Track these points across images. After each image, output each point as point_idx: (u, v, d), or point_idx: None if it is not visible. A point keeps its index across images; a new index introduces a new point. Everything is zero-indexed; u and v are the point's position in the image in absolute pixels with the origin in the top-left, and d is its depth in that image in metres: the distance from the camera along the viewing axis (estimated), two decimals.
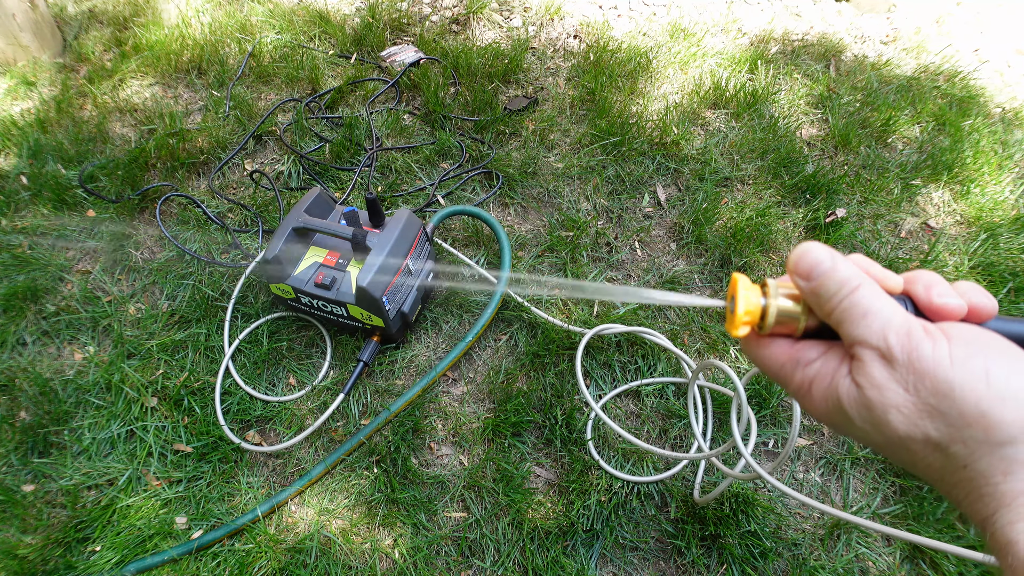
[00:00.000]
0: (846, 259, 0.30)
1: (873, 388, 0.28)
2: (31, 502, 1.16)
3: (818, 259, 0.30)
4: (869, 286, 0.29)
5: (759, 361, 0.34)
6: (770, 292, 0.32)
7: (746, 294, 0.32)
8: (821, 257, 0.30)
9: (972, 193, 1.68)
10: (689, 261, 1.55)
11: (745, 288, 0.33)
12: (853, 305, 0.29)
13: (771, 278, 0.34)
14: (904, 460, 0.29)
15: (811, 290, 0.30)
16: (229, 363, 1.33)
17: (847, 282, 0.29)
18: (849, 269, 0.29)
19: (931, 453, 0.27)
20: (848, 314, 0.29)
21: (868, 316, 0.28)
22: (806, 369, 0.31)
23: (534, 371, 1.34)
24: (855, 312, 0.28)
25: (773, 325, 0.32)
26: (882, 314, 0.28)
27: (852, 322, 0.29)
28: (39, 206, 1.58)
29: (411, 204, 1.62)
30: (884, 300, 0.29)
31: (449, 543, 1.14)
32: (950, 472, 0.27)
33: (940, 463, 0.27)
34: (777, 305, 0.32)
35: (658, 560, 1.14)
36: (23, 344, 1.37)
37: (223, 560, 1.10)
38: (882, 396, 0.27)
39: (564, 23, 2.20)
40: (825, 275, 0.29)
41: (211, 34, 2.04)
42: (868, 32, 2.26)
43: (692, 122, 1.83)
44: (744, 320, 0.32)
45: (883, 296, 0.29)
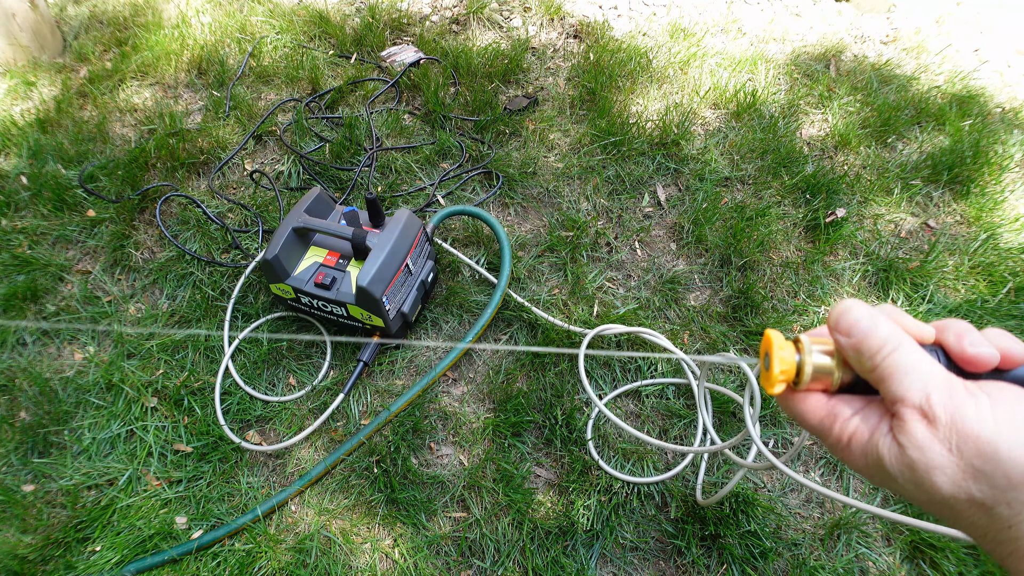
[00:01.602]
0: (886, 317, 0.31)
1: (915, 448, 0.28)
2: (31, 502, 1.16)
3: (859, 317, 0.30)
4: (909, 344, 0.29)
5: (797, 416, 0.34)
6: (804, 348, 0.33)
7: (780, 353, 0.33)
8: (862, 315, 0.31)
9: (972, 193, 1.68)
10: (689, 261, 1.55)
11: (779, 346, 0.33)
12: (895, 364, 0.29)
13: (804, 334, 0.34)
14: (948, 517, 0.29)
15: (852, 347, 0.30)
16: (229, 363, 1.33)
17: (888, 341, 0.29)
18: (889, 327, 0.30)
19: (976, 513, 0.27)
20: (890, 372, 0.29)
21: (910, 375, 0.28)
22: (845, 424, 0.31)
23: (534, 371, 1.34)
24: (897, 371, 0.29)
25: (809, 382, 0.33)
26: (923, 373, 0.28)
27: (894, 380, 0.29)
28: (39, 206, 1.58)
29: (411, 204, 1.62)
30: (924, 359, 0.29)
31: (449, 543, 1.14)
32: (995, 531, 0.27)
33: (985, 523, 0.27)
34: (812, 362, 0.32)
35: (658, 560, 1.14)
36: (23, 344, 1.37)
37: (223, 560, 1.10)
38: (925, 457, 0.27)
39: (564, 23, 2.20)
40: (867, 334, 0.30)
41: (211, 34, 2.04)
42: (868, 32, 2.25)
43: (692, 122, 1.83)
44: (780, 379, 0.33)
45: (923, 355, 0.29)
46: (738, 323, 1.43)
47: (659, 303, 1.46)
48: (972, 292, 1.50)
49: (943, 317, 1.40)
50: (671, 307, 1.46)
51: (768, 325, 1.41)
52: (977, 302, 1.48)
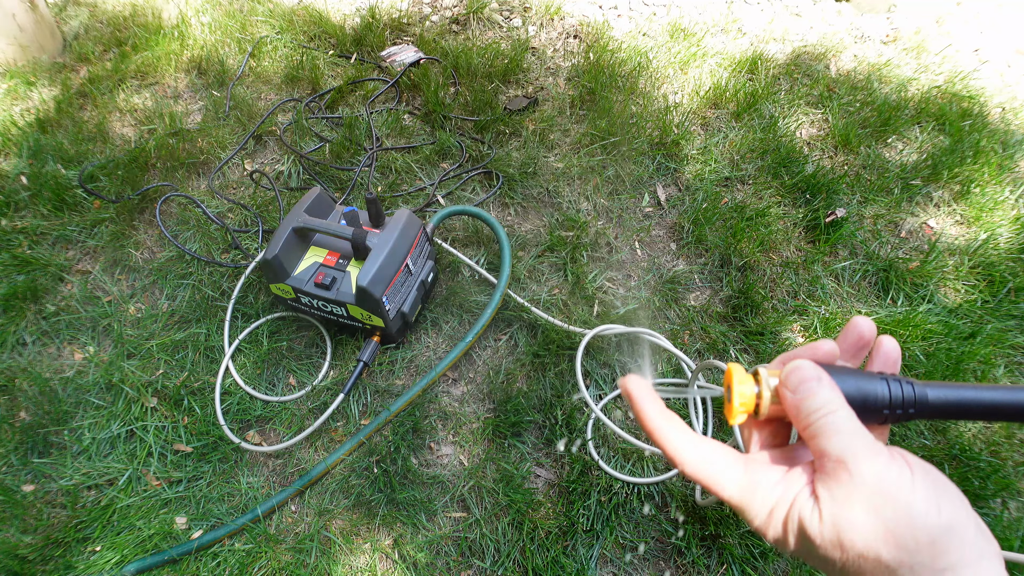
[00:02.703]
0: (833, 385, 0.33)
1: (836, 503, 0.30)
2: (31, 502, 1.16)
3: (806, 378, 0.33)
4: (844, 411, 0.32)
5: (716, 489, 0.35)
6: (762, 381, 0.35)
7: (740, 387, 0.35)
8: (808, 376, 0.33)
9: (972, 193, 1.68)
10: (689, 261, 1.55)
11: (740, 380, 0.35)
12: (828, 424, 0.31)
13: (762, 366, 0.36)
14: None
15: (794, 403, 0.33)
16: (229, 363, 1.33)
17: (826, 404, 0.32)
18: (830, 393, 0.32)
19: (880, 574, 0.29)
20: (822, 431, 0.31)
21: (839, 435, 0.31)
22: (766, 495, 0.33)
23: (534, 371, 1.34)
24: (828, 430, 0.31)
25: (767, 412, 0.35)
26: (852, 435, 0.31)
27: (824, 438, 0.31)
28: (39, 206, 1.58)
29: (411, 204, 1.62)
30: (855, 425, 0.31)
31: (449, 543, 1.14)
32: None
33: None
34: (770, 396, 0.35)
35: (658, 560, 1.14)
36: (23, 344, 1.37)
37: (223, 560, 1.10)
38: (844, 512, 0.29)
39: (564, 23, 2.20)
40: (808, 394, 0.32)
41: (211, 34, 2.04)
42: (868, 32, 2.25)
43: (692, 122, 1.83)
44: (740, 410, 0.35)
45: (855, 421, 0.31)
46: (738, 323, 1.43)
47: (659, 303, 1.46)
48: (972, 292, 1.50)
49: (943, 317, 1.40)
50: (671, 307, 1.46)
51: (768, 325, 1.41)
52: (977, 302, 1.48)
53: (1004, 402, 0.33)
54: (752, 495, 0.33)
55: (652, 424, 0.35)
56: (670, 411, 0.36)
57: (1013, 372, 1.37)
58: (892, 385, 0.34)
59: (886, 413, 0.34)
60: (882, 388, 0.34)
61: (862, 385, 0.34)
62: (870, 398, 0.33)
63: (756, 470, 0.34)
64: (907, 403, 0.33)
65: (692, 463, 0.34)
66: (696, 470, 0.34)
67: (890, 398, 0.33)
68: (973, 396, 0.34)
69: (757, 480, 0.33)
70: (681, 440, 0.35)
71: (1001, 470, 1.21)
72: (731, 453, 0.35)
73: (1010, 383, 1.36)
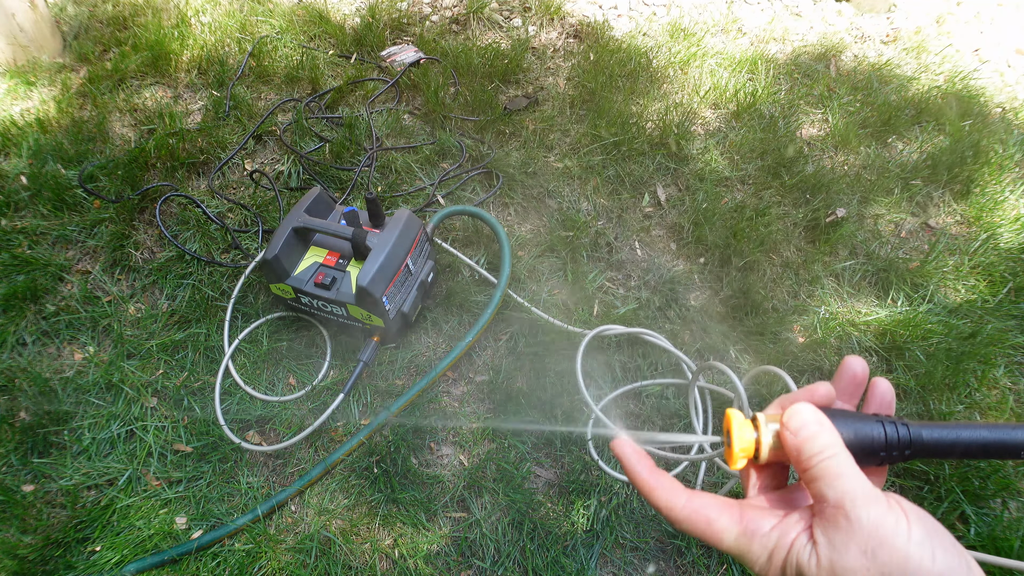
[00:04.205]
0: (833, 429, 0.34)
1: (833, 548, 0.30)
2: (31, 502, 1.16)
3: (807, 421, 0.34)
4: (845, 455, 0.32)
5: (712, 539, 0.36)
6: (760, 426, 0.36)
7: (740, 432, 0.36)
8: (809, 420, 0.34)
9: (972, 193, 1.68)
10: (689, 261, 1.55)
11: (739, 425, 0.36)
12: (828, 468, 0.32)
13: (761, 412, 0.37)
14: None
15: (795, 446, 0.33)
16: (229, 363, 1.33)
17: (827, 448, 0.32)
18: (831, 437, 0.33)
19: None
20: (822, 474, 0.32)
21: (839, 479, 0.31)
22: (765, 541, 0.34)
23: (534, 371, 1.34)
24: (828, 474, 0.32)
25: (768, 456, 0.35)
26: (852, 481, 0.31)
27: (824, 482, 0.32)
28: (39, 206, 1.57)
29: (411, 204, 1.62)
30: (855, 470, 0.32)
31: (449, 543, 1.14)
32: None
33: None
34: (769, 441, 0.35)
35: (658, 560, 1.14)
36: (23, 344, 1.37)
37: (223, 560, 1.10)
38: (841, 558, 0.30)
39: (564, 23, 2.20)
40: (809, 438, 0.33)
41: (211, 34, 2.04)
42: (868, 32, 2.25)
43: (692, 122, 1.83)
44: (741, 456, 0.36)
45: (854, 466, 0.32)
46: (738, 323, 1.43)
47: (659, 303, 1.46)
48: (972, 292, 1.50)
49: (943, 317, 1.40)
50: (671, 307, 1.46)
51: (768, 325, 1.41)
52: (977, 302, 1.48)
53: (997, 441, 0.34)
54: (750, 541, 0.34)
55: (642, 483, 0.37)
56: (659, 469, 0.37)
57: (1013, 372, 1.37)
58: (888, 428, 0.35)
59: (883, 455, 0.35)
60: (878, 431, 0.35)
61: (859, 428, 0.35)
62: (867, 441, 0.34)
63: (753, 516, 0.35)
64: (903, 444, 0.34)
65: (684, 517, 0.35)
66: (689, 523, 0.35)
67: (886, 440, 0.34)
68: (967, 436, 0.35)
69: (754, 527, 0.34)
70: (672, 495, 0.36)
71: (1001, 470, 1.21)
72: (723, 502, 0.36)
73: (1010, 384, 1.36)
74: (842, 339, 1.40)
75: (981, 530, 1.14)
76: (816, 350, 1.38)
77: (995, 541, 1.12)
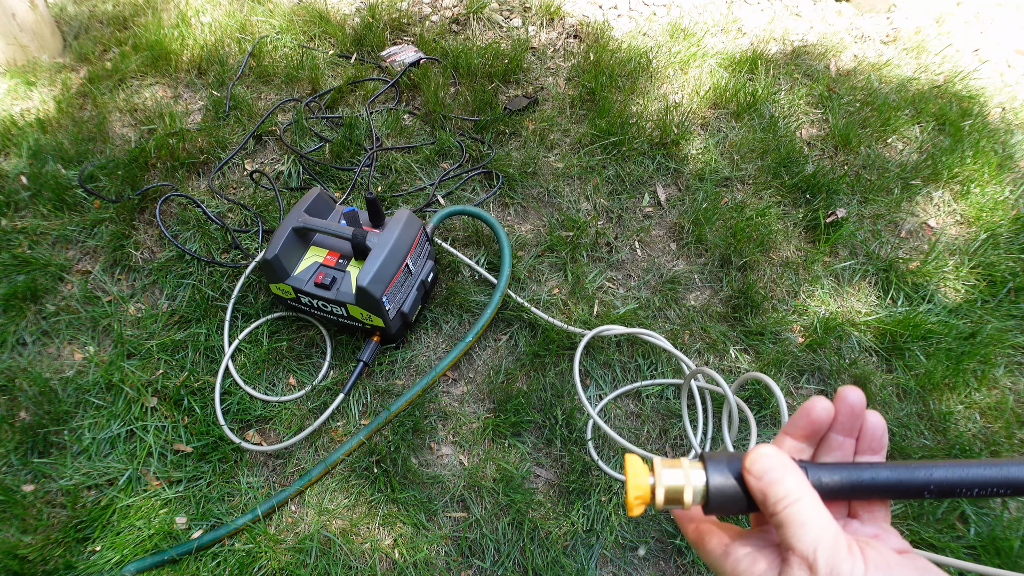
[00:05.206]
0: (797, 470, 0.34)
1: None
2: (31, 502, 1.16)
3: (771, 467, 0.34)
4: (810, 499, 0.33)
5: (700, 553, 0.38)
6: (656, 472, 0.36)
7: (635, 480, 0.36)
8: (774, 465, 0.34)
9: (972, 193, 1.68)
10: (689, 261, 1.55)
11: (634, 473, 0.36)
12: (793, 515, 0.32)
13: (658, 458, 0.37)
14: None
15: (759, 490, 0.34)
16: (229, 363, 1.33)
17: (791, 492, 0.33)
18: (795, 480, 0.33)
19: None
20: (788, 521, 0.32)
21: (803, 527, 0.32)
22: (735, 565, 0.35)
23: (534, 371, 1.34)
24: (794, 522, 0.32)
25: (663, 502, 0.36)
26: (816, 528, 0.32)
27: (789, 529, 0.32)
28: (39, 206, 1.58)
29: (411, 204, 1.62)
30: (820, 515, 0.32)
31: (449, 543, 1.14)
32: None
33: None
34: (664, 484, 0.35)
35: (658, 560, 1.14)
36: (23, 344, 1.37)
37: (223, 560, 1.10)
38: None
39: (564, 23, 2.20)
40: (773, 482, 0.33)
41: (211, 34, 2.04)
42: (868, 32, 2.25)
43: (692, 122, 1.83)
44: (636, 502, 0.36)
45: (820, 510, 0.33)
46: (738, 323, 1.43)
47: (659, 303, 1.46)
48: (972, 292, 1.50)
49: (943, 317, 1.40)
50: (671, 307, 1.46)
51: (768, 325, 1.41)
52: (977, 302, 1.48)
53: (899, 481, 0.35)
54: (724, 559, 0.36)
55: None
56: None
57: (1013, 372, 1.37)
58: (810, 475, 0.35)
59: None
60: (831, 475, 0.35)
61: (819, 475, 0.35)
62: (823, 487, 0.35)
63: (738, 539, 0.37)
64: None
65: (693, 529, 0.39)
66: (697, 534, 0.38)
67: None
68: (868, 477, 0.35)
69: (733, 548, 0.36)
70: None
71: None
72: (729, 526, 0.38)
73: (1010, 384, 1.36)
74: (842, 339, 1.40)
75: (981, 530, 1.14)
76: (816, 350, 1.38)
77: (995, 541, 1.12)
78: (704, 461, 0.36)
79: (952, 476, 0.34)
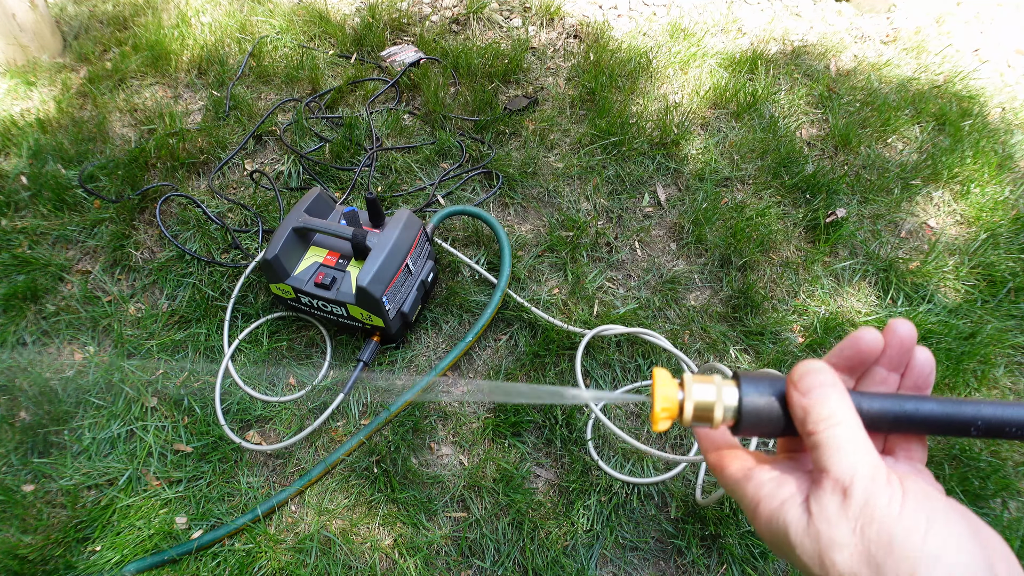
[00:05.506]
0: (844, 391, 0.32)
1: (824, 521, 0.29)
2: (31, 502, 1.16)
3: (820, 383, 0.32)
4: (853, 423, 0.31)
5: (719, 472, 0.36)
6: (686, 386, 0.35)
7: (663, 391, 0.35)
8: (822, 382, 0.32)
9: (972, 193, 1.68)
10: (689, 261, 1.55)
11: (663, 383, 0.35)
12: (833, 437, 0.30)
13: (689, 373, 0.35)
14: None
15: (802, 407, 0.32)
16: (229, 363, 1.33)
17: (834, 414, 0.31)
18: (840, 402, 0.31)
19: None
20: (825, 442, 0.31)
21: (842, 451, 0.30)
22: (759, 487, 0.33)
23: (534, 371, 1.34)
24: (832, 444, 0.30)
25: (691, 418, 0.34)
26: (856, 454, 0.30)
27: (827, 451, 0.30)
28: (39, 206, 1.58)
29: (411, 204, 1.62)
30: (861, 441, 0.31)
31: (449, 543, 1.14)
32: None
33: None
34: (694, 399, 0.34)
35: (658, 560, 1.14)
36: (23, 344, 1.37)
37: (223, 560, 1.10)
38: (831, 531, 0.29)
39: (564, 23, 2.20)
40: (819, 401, 0.31)
41: (211, 34, 2.04)
42: (868, 32, 2.25)
43: (692, 122, 1.83)
44: (663, 415, 0.34)
45: (862, 437, 0.31)
46: (738, 323, 1.43)
47: (659, 303, 1.46)
48: (972, 292, 1.50)
49: (943, 317, 1.40)
50: (671, 307, 1.46)
51: (768, 325, 1.41)
52: (977, 302, 1.48)
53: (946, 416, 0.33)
54: (746, 482, 0.34)
55: None
56: None
57: (1013, 372, 1.37)
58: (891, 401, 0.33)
59: None
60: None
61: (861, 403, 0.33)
62: None
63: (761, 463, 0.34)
64: None
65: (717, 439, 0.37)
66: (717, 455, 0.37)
67: None
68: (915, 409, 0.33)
69: (756, 472, 0.34)
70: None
71: (1001, 470, 1.21)
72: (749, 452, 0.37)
73: (1010, 384, 1.36)
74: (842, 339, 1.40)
75: None
76: (816, 350, 1.38)
77: None
78: (738, 379, 0.35)
79: (1003, 414, 0.32)
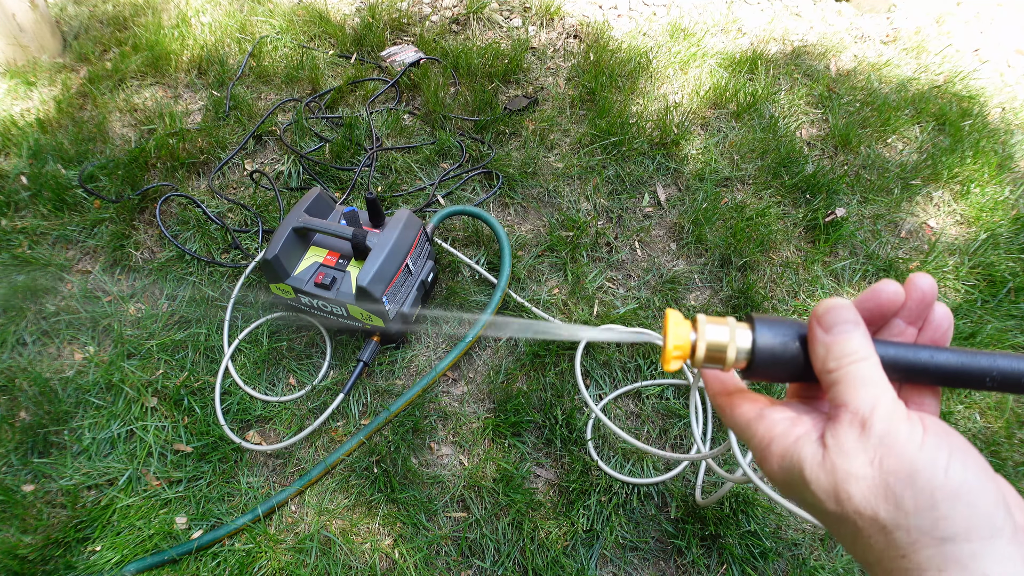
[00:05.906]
0: (866, 331, 0.32)
1: (841, 453, 0.29)
2: (31, 502, 1.16)
3: (844, 319, 0.31)
4: (874, 361, 0.31)
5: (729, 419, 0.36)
6: (699, 326, 0.34)
7: (676, 329, 0.34)
8: (847, 319, 0.31)
9: (972, 193, 1.68)
10: (689, 261, 1.55)
11: (675, 323, 0.34)
12: (854, 373, 0.30)
13: (702, 314, 0.35)
14: (847, 535, 0.29)
15: (824, 344, 0.32)
16: (229, 363, 1.33)
17: (857, 351, 0.31)
18: (863, 340, 0.31)
19: (876, 534, 0.28)
20: (846, 378, 0.30)
21: (864, 386, 0.30)
22: (772, 426, 0.33)
23: (534, 371, 1.34)
24: (854, 379, 0.30)
25: (703, 359, 0.34)
26: (877, 389, 0.29)
27: (848, 386, 0.30)
28: (39, 206, 1.58)
29: (411, 204, 1.62)
30: (882, 379, 0.30)
31: (449, 543, 1.14)
32: (888, 558, 0.28)
33: (881, 546, 0.28)
34: (707, 339, 0.34)
35: (658, 560, 1.14)
36: (23, 344, 1.37)
37: (223, 560, 1.10)
38: (847, 463, 0.28)
39: (564, 23, 2.20)
40: (843, 338, 0.31)
41: (211, 34, 2.04)
42: (868, 32, 2.25)
43: (692, 122, 1.83)
44: (675, 354, 0.34)
45: (882, 375, 0.30)
46: None
47: (659, 303, 1.46)
48: (972, 292, 1.50)
49: None
50: (671, 307, 1.46)
51: None
52: (977, 302, 1.48)
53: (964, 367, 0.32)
54: (757, 423, 0.33)
55: None
56: None
57: None
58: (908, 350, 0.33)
59: None
60: None
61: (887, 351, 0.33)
62: None
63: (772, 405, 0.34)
64: None
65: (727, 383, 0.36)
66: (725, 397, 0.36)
67: None
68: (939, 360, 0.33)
69: (768, 412, 0.33)
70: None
71: (1001, 470, 1.21)
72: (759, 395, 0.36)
73: None
74: None
75: None
76: None
77: None
78: (752, 321, 0.34)
79: (1019, 366, 0.31)
